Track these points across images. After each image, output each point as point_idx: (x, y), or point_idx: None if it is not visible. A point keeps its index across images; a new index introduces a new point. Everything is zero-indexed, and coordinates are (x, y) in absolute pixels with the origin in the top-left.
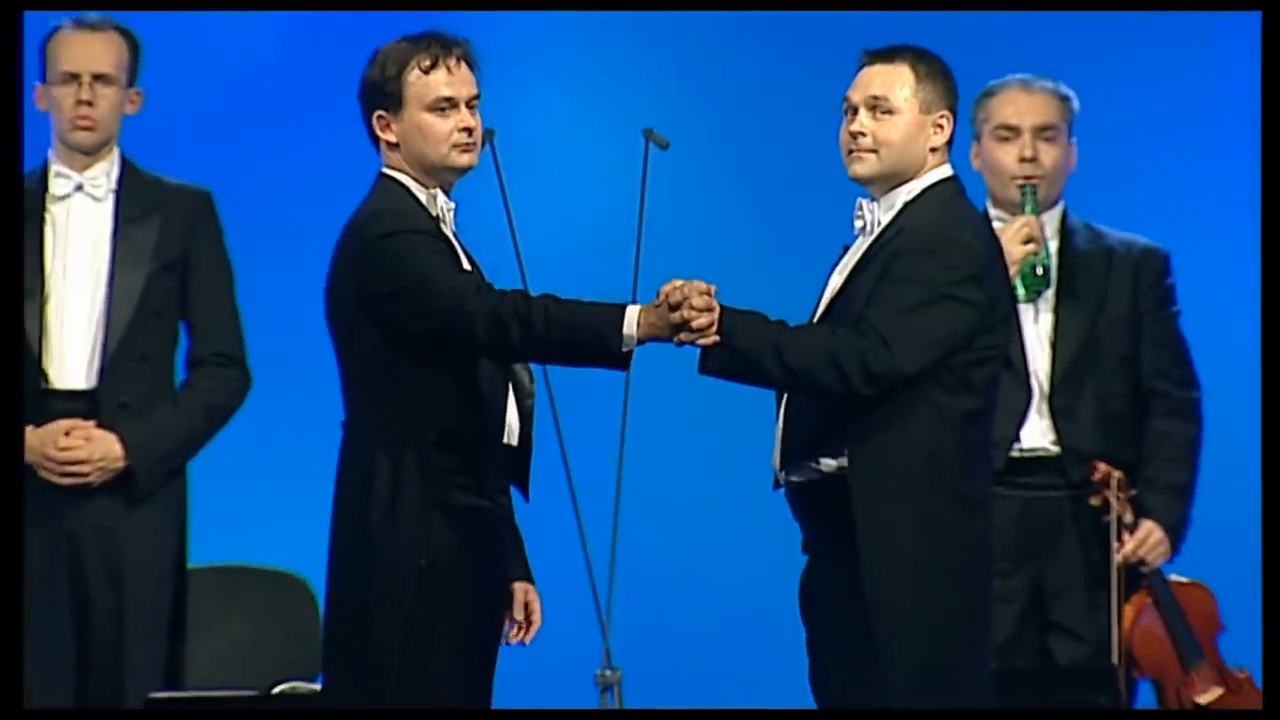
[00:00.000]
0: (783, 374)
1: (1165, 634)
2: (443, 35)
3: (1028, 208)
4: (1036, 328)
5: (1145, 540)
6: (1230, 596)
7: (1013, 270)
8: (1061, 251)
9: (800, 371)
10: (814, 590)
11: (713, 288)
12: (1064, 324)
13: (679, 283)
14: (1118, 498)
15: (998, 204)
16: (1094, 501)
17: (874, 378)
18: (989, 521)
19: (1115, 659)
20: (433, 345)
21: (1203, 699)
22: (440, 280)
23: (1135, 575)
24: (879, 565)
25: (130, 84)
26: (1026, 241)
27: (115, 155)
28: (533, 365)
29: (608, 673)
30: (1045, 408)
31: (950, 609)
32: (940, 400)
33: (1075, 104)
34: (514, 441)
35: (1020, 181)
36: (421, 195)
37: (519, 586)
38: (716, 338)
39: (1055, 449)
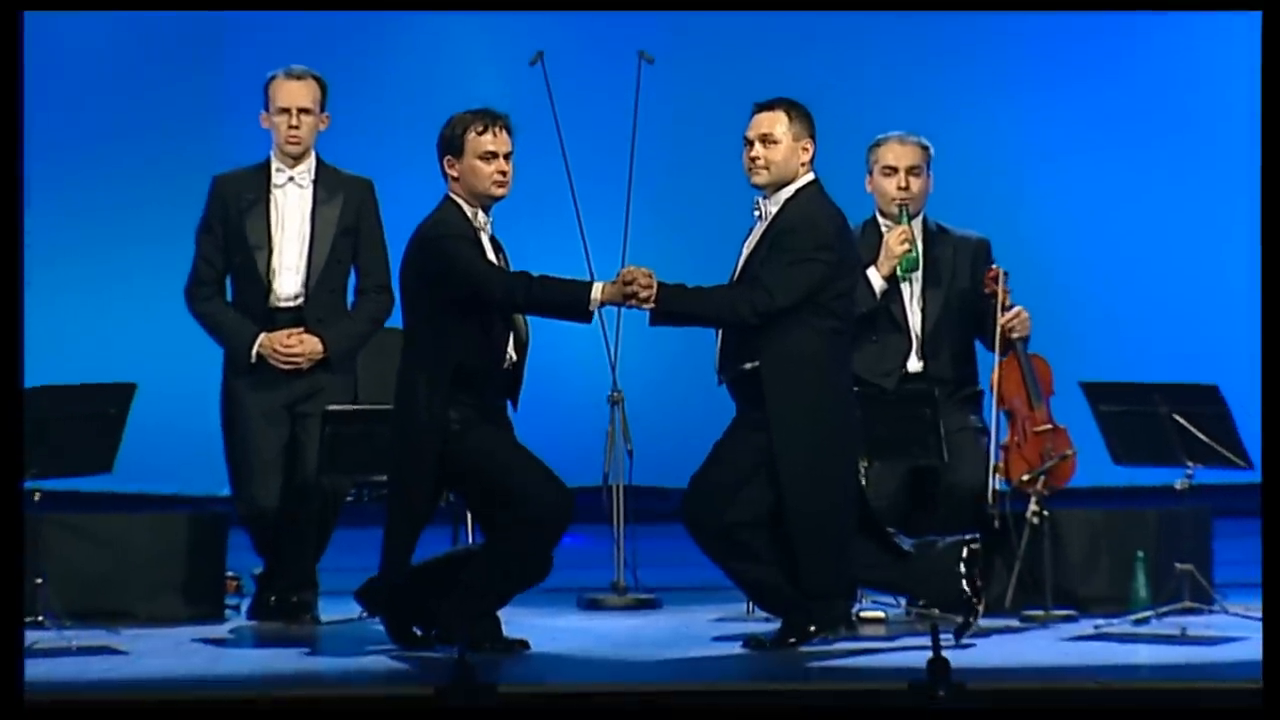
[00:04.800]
0: (702, 321)
1: (1021, 382)
2: (493, 111)
3: (903, 220)
4: (912, 300)
5: (1020, 315)
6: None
7: (896, 261)
8: (925, 246)
9: (713, 318)
10: (735, 434)
11: (653, 272)
12: (929, 295)
13: (632, 268)
14: (1000, 290)
15: (884, 215)
16: (986, 291)
17: (761, 315)
18: (850, 401)
19: (995, 390)
20: (467, 304)
21: (1037, 429)
22: (475, 265)
23: (1006, 345)
24: (782, 424)
25: (321, 111)
26: (903, 242)
27: (313, 157)
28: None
29: (615, 394)
30: (919, 351)
31: (825, 447)
32: (813, 323)
33: (932, 150)
34: (510, 367)
35: (898, 203)
36: (469, 212)
37: None
38: (654, 305)
39: (923, 372)
